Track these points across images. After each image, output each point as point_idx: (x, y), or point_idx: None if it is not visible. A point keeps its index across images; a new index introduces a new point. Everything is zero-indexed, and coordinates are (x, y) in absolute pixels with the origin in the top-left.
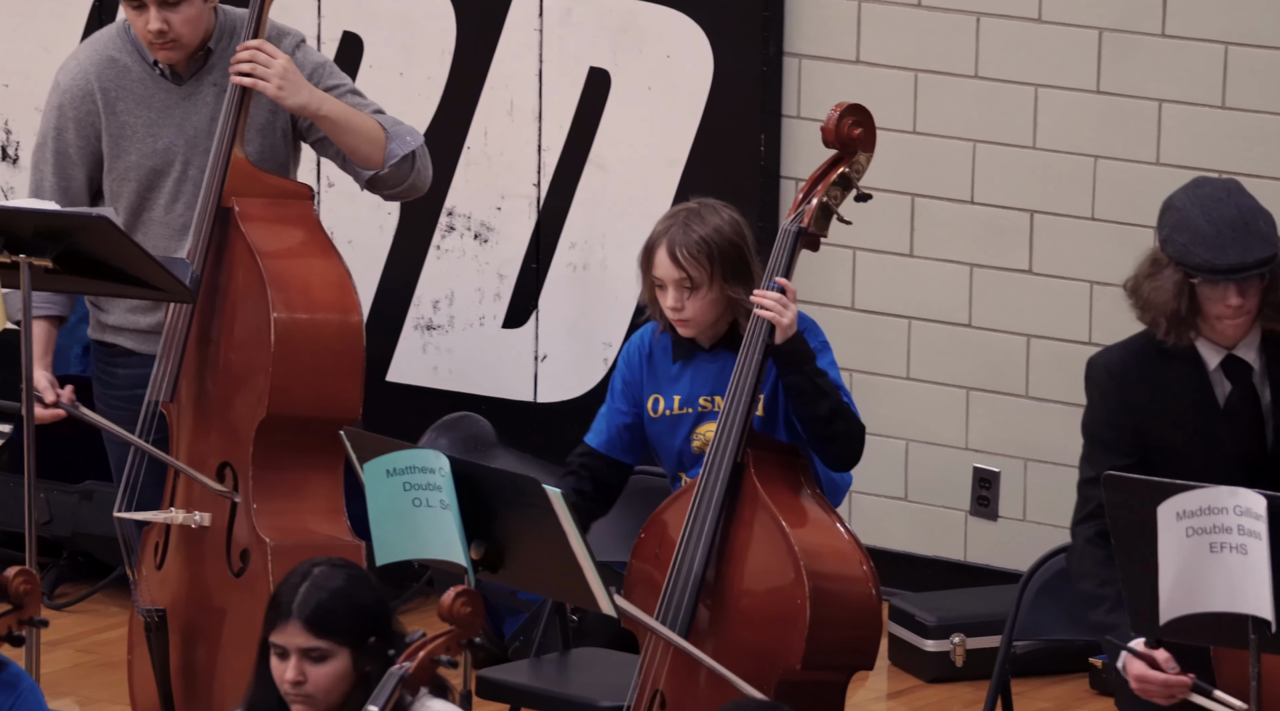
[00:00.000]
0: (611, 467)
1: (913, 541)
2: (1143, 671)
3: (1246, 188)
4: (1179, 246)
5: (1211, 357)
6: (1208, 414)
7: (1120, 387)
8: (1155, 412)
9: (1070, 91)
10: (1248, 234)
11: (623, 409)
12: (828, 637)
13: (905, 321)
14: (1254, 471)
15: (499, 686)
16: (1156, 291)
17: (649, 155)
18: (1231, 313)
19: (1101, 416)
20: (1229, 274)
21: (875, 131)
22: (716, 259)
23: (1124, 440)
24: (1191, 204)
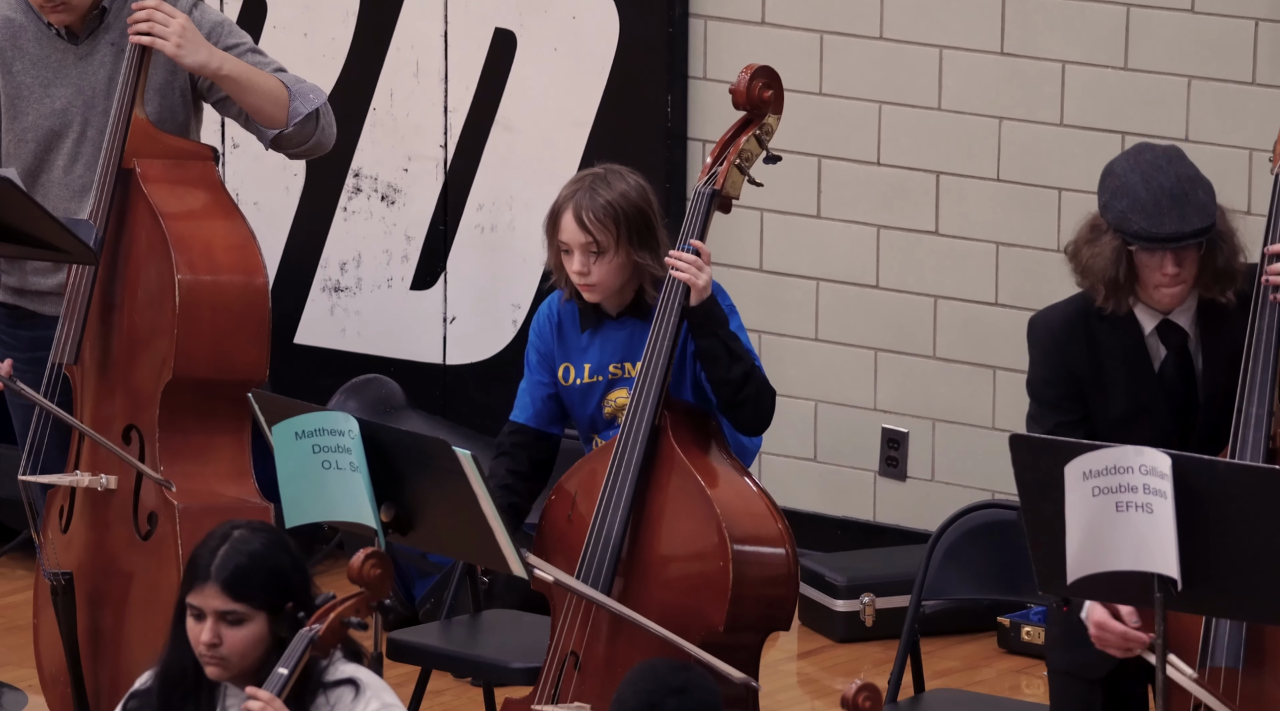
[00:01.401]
0: (542, 441)
1: (822, 502)
2: (1102, 618)
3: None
4: (1117, 213)
5: (1148, 322)
6: (1143, 377)
7: (1060, 347)
8: (1092, 373)
9: (974, 53)
10: (1186, 203)
11: (544, 380)
12: (748, 599)
13: (812, 283)
14: (1185, 436)
15: (410, 648)
16: (1095, 257)
17: (556, 117)
18: (1168, 281)
19: (1044, 375)
20: (1166, 242)
21: (784, 93)
22: (623, 223)
23: (1067, 397)
24: (1131, 171)
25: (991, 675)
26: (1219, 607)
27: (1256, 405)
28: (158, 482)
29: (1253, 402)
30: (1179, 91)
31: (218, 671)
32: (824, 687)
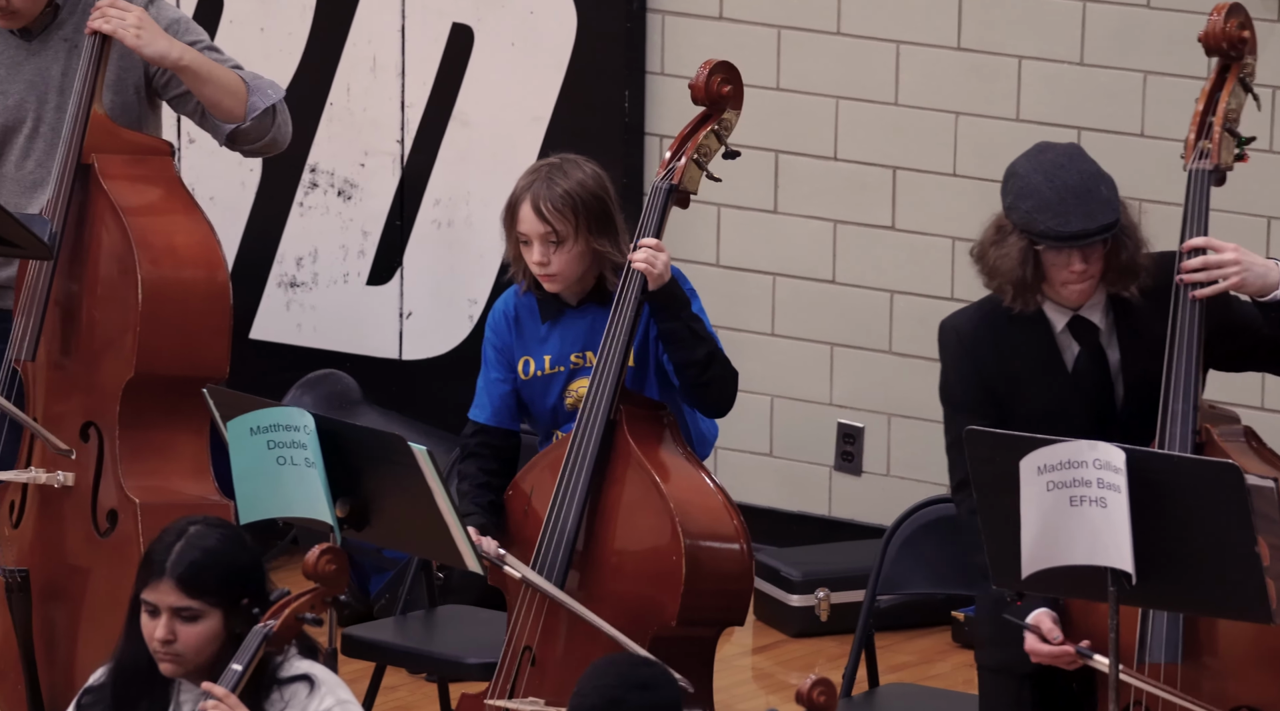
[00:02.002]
0: (506, 438)
1: (777, 497)
2: (1032, 645)
3: (1101, 145)
4: (1023, 214)
5: (1058, 320)
6: (1057, 376)
7: (970, 351)
8: (1005, 375)
9: (931, 48)
10: (1090, 200)
11: (501, 377)
12: (702, 594)
13: (770, 278)
14: (1104, 432)
15: (365, 644)
16: (1003, 259)
17: (513, 112)
18: (1076, 278)
19: (955, 379)
20: (1073, 240)
21: (743, 89)
22: (581, 212)
23: (980, 401)
24: (1035, 171)
25: (946, 669)
26: (1172, 601)
27: (1182, 401)
28: (60, 452)
29: (1178, 398)
30: (1134, 87)
31: (172, 667)
32: (779, 682)
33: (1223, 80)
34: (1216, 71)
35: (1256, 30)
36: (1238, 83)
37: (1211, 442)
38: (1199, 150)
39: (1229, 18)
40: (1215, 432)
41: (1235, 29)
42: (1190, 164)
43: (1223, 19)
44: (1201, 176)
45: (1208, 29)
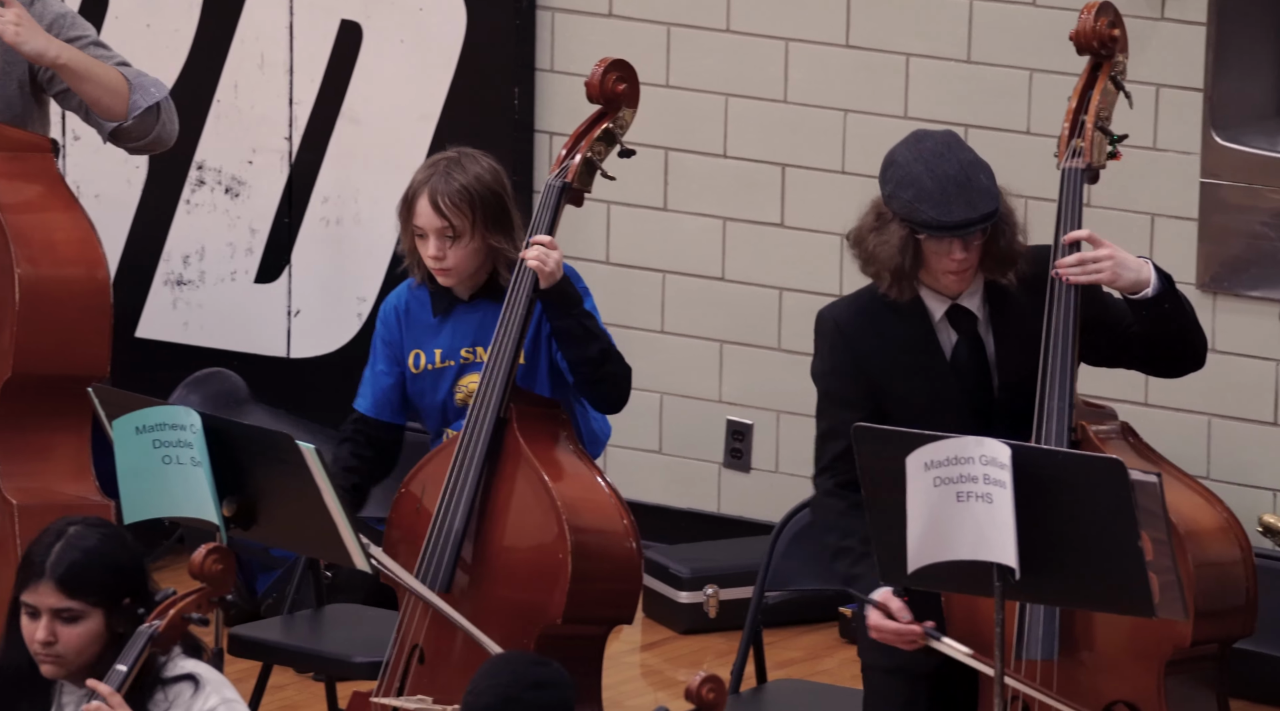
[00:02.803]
0: (386, 430)
1: (667, 494)
2: (877, 621)
3: (987, 142)
4: (904, 203)
5: (936, 308)
6: (935, 364)
7: (849, 340)
8: (884, 364)
9: (820, 45)
10: (971, 189)
11: (386, 370)
12: (589, 592)
13: (659, 275)
14: (983, 420)
15: (251, 643)
16: (882, 246)
17: (402, 109)
18: (956, 266)
19: (832, 369)
20: (956, 230)
21: (639, 87)
22: (478, 207)
23: (856, 392)
24: (914, 160)
25: (833, 665)
26: (1056, 595)
27: (1058, 397)
28: None
29: (1053, 395)
30: (1021, 84)
31: (53, 669)
32: (667, 679)
33: (1094, 79)
34: (1088, 70)
35: (1139, 29)
36: (1109, 81)
37: (1087, 438)
38: (1072, 148)
39: (1099, 16)
40: (1091, 429)
41: (1105, 27)
42: (1064, 162)
43: (1093, 17)
44: (1075, 174)
45: (1078, 28)
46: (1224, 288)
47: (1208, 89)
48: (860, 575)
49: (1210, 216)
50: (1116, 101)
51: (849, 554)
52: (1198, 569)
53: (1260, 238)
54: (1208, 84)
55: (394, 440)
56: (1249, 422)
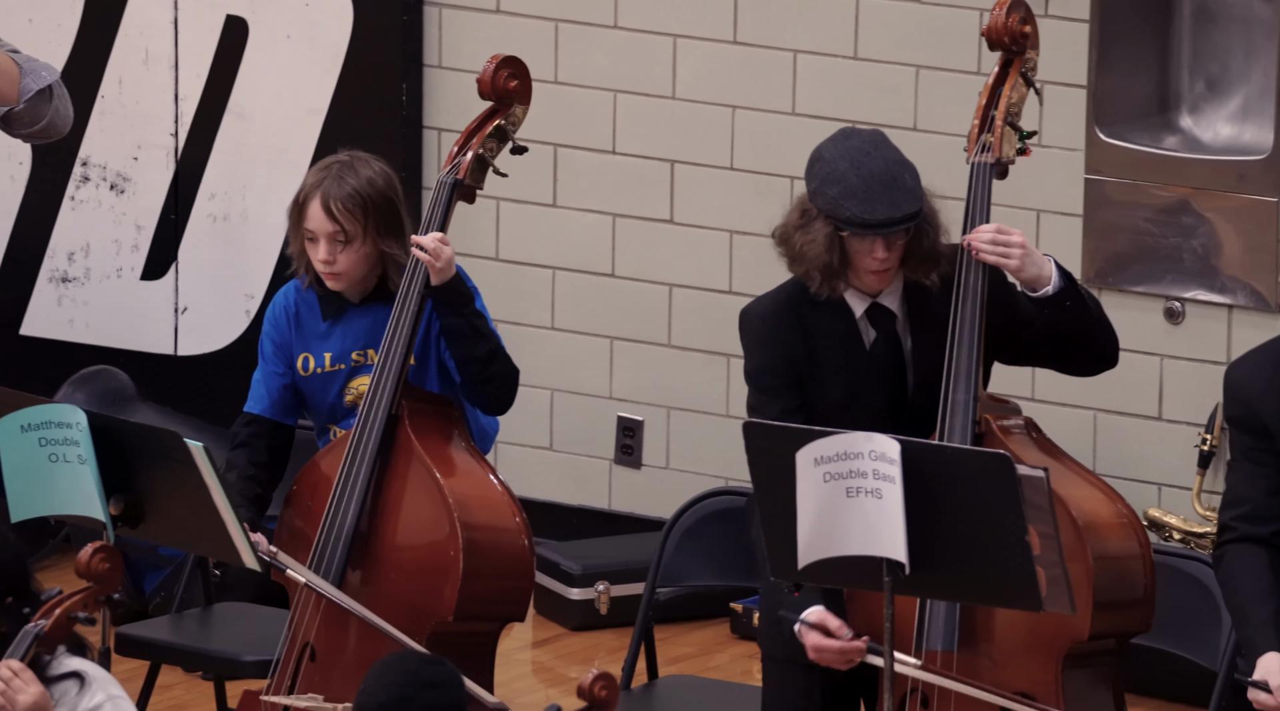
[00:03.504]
0: (278, 431)
1: (558, 490)
2: (818, 641)
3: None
4: (829, 200)
5: (858, 306)
6: (856, 360)
7: (775, 334)
8: (808, 358)
9: (708, 42)
10: (895, 188)
11: (279, 370)
12: (481, 589)
13: (549, 272)
14: (897, 416)
15: (139, 643)
16: (809, 244)
17: (290, 104)
18: (879, 265)
19: (762, 364)
20: (879, 228)
21: (531, 84)
22: (370, 212)
23: (786, 384)
24: (840, 157)
25: (725, 660)
26: (945, 590)
27: (963, 391)
28: None
29: (958, 389)
30: (908, 81)
31: None
32: (559, 676)
33: (1005, 74)
34: (999, 66)
35: None
36: (1020, 77)
37: (991, 433)
38: (981, 143)
39: (1011, 12)
40: (995, 423)
41: (1017, 24)
42: (973, 157)
43: (1005, 14)
44: (984, 169)
45: (990, 23)
46: (1109, 283)
47: (1091, 86)
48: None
49: (1095, 212)
50: (1026, 97)
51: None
52: (1096, 563)
53: (1144, 233)
54: (1091, 81)
55: (286, 441)
56: (1135, 417)
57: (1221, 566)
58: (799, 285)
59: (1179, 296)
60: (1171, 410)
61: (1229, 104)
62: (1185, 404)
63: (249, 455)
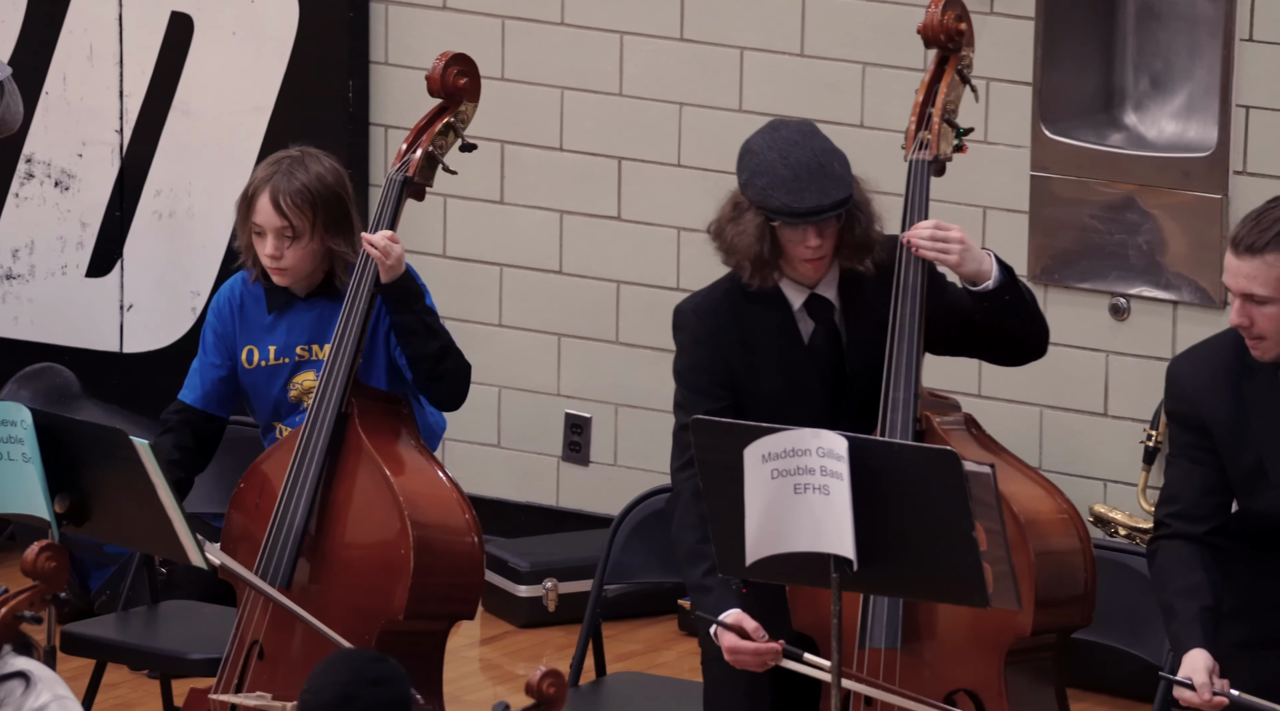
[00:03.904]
0: (209, 422)
1: (506, 488)
2: (734, 642)
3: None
4: (759, 190)
5: (795, 297)
6: (794, 352)
7: (710, 332)
8: (745, 354)
9: (655, 39)
10: (824, 176)
11: (216, 362)
12: (431, 587)
13: (497, 269)
14: (836, 406)
15: (85, 641)
16: (740, 236)
17: (235, 101)
18: (812, 254)
19: (694, 362)
20: (808, 216)
21: (480, 81)
22: (319, 208)
23: (717, 384)
24: (769, 148)
25: (672, 657)
26: (893, 586)
27: (903, 390)
28: None
29: (898, 387)
30: (854, 78)
31: None
32: (507, 673)
33: (941, 72)
34: (935, 63)
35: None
36: (956, 74)
37: (932, 430)
38: (919, 141)
39: (946, 10)
40: (935, 420)
41: (952, 21)
42: (910, 154)
43: (940, 11)
44: (921, 166)
45: (926, 21)
46: (1054, 280)
47: (1037, 83)
48: (711, 588)
49: (1041, 209)
50: (963, 95)
51: (704, 562)
52: (1038, 558)
53: (1089, 230)
54: (1037, 78)
55: (216, 432)
56: (1080, 413)
57: (1154, 562)
58: (734, 280)
59: (1124, 293)
60: (1117, 406)
61: (1173, 101)
62: (1130, 400)
63: (175, 440)
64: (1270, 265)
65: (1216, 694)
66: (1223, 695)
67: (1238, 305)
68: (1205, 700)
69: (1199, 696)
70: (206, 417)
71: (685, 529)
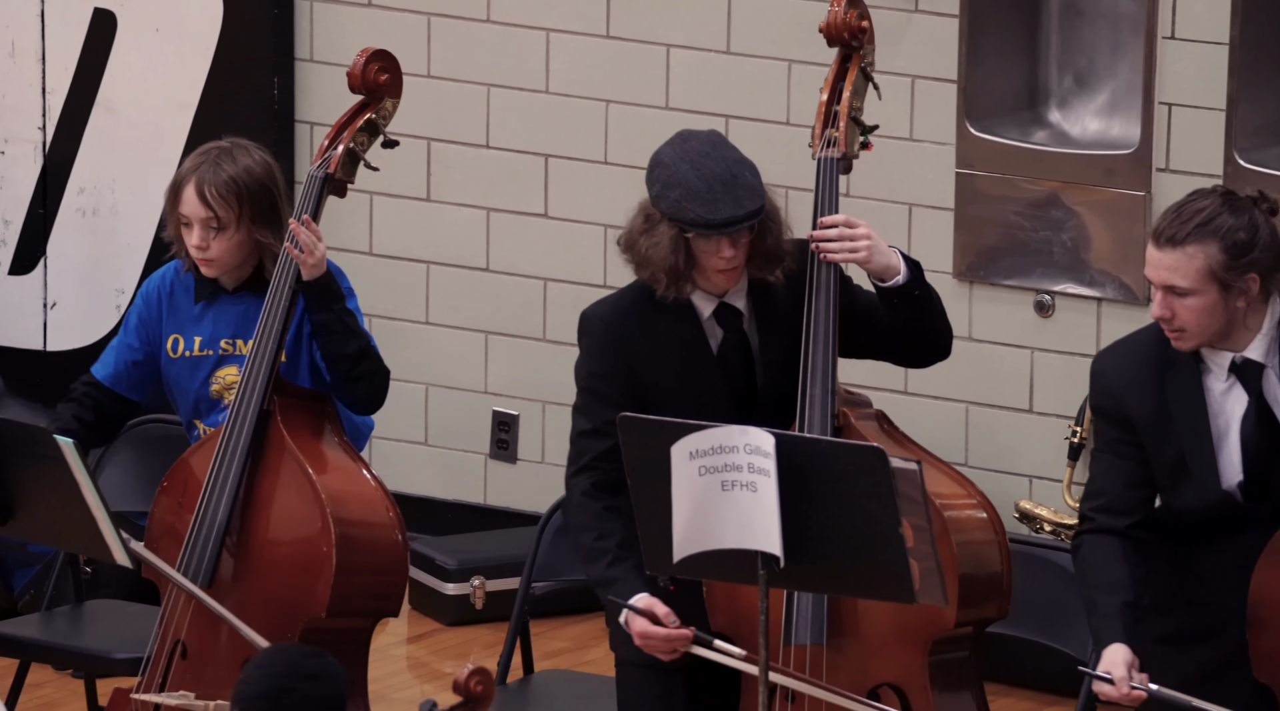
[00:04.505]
0: (116, 401)
1: (433, 485)
2: (645, 627)
3: (748, 133)
4: (672, 203)
5: (705, 307)
6: (702, 361)
7: (617, 340)
8: (652, 362)
9: (581, 36)
10: (738, 187)
11: (134, 345)
12: (354, 584)
13: (424, 266)
14: (746, 415)
15: (8, 641)
16: (654, 248)
17: (159, 98)
18: (725, 264)
19: (599, 369)
20: (723, 227)
21: (402, 77)
22: (246, 200)
23: (621, 392)
24: (680, 159)
25: (600, 655)
26: (820, 582)
27: (820, 386)
28: None
29: (815, 383)
30: (779, 75)
31: None
32: (434, 671)
33: (845, 70)
34: (838, 62)
35: (894, 21)
36: (859, 72)
37: (849, 426)
38: (826, 138)
39: (849, 9)
40: (853, 416)
41: (855, 19)
42: (818, 152)
43: (843, 10)
44: (830, 164)
45: (828, 20)
46: (980, 277)
47: (962, 80)
48: (617, 578)
49: (966, 206)
50: (867, 92)
51: (605, 556)
52: (959, 551)
53: (1014, 227)
54: (961, 75)
55: (119, 414)
56: (1005, 410)
57: (1078, 556)
58: (643, 288)
59: (1049, 290)
60: (1042, 403)
61: (1097, 99)
62: (1055, 396)
63: (75, 410)
64: (1191, 257)
65: (1135, 687)
66: (1141, 689)
67: (1159, 297)
68: (1124, 694)
69: (1117, 690)
70: (113, 396)
71: (581, 531)
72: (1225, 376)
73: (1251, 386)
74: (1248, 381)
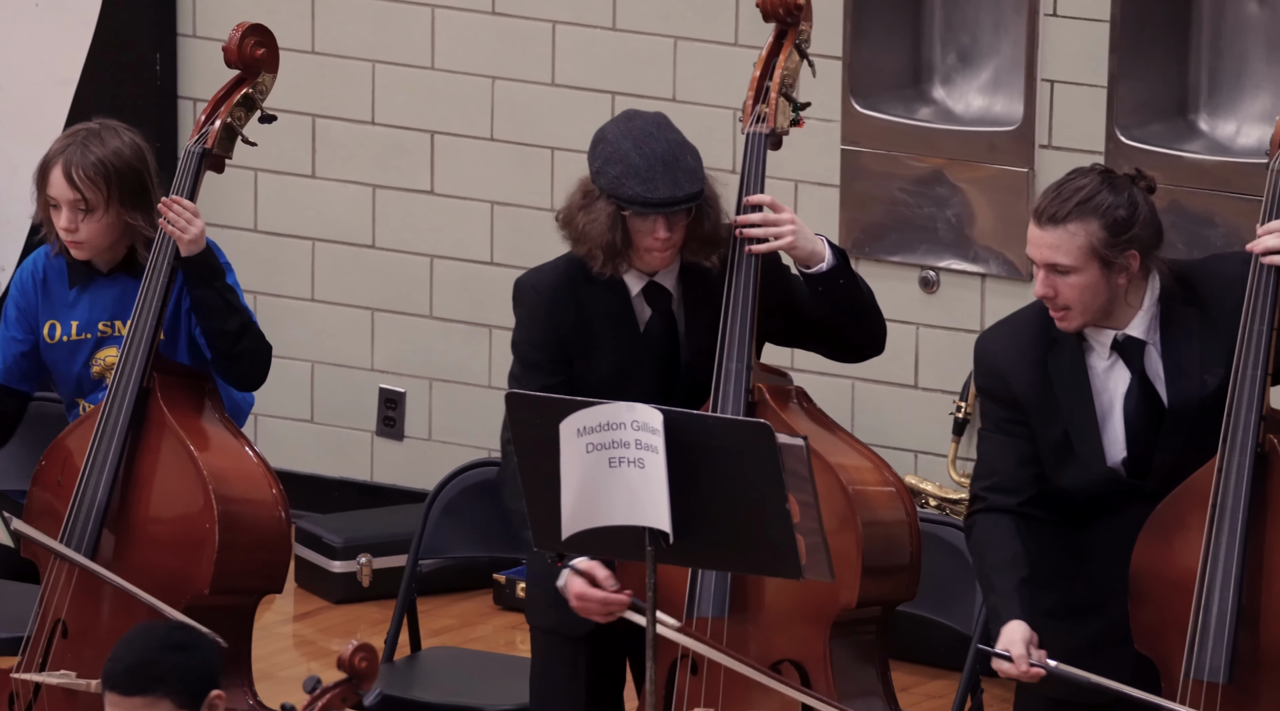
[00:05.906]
0: (11, 397)
1: (319, 463)
2: (582, 589)
3: (637, 108)
4: (611, 179)
5: (634, 284)
6: (629, 337)
7: (547, 309)
8: (580, 334)
9: (467, 12)
10: (678, 168)
11: (18, 336)
12: (236, 562)
13: (309, 243)
14: (668, 392)
15: None
16: (592, 224)
17: (38, 75)
18: (660, 245)
19: (531, 337)
20: (659, 207)
21: (278, 51)
22: (114, 182)
23: (552, 360)
24: (623, 137)
25: (488, 631)
26: (709, 559)
27: (736, 360)
28: None
29: (732, 358)
30: (666, 52)
31: None
32: (321, 649)
33: (779, 45)
34: (774, 37)
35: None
36: (794, 48)
37: (764, 402)
38: (756, 114)
39: None
40: (768, 392)
41: None
42: (748, 127)
43: None
44: (758, 140)
45: None
46: (865, 253)
47: (846, 57)
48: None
49: (851, 183)
50: (800, 69)
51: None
52: (865, 530)
53: (899, 203)
54: (846, 52)
55: (18, 408)
56: (891, 385)
57: (971, 536)
58: (576, 261)
59: (933, 266)
60: (927, 378)
61: (980, 76)
62: (940, 372)
63: None
64: (1073, 234)
65: (1034, 664)
66: (1039, 666)
67: (1041, 276)
68: (1022, 671)
69: (1016, 667)
70: (7, 392)
71: (516, 496)
72: (1107, 354)
73: (1134, 364)
74: (1130, 359)
